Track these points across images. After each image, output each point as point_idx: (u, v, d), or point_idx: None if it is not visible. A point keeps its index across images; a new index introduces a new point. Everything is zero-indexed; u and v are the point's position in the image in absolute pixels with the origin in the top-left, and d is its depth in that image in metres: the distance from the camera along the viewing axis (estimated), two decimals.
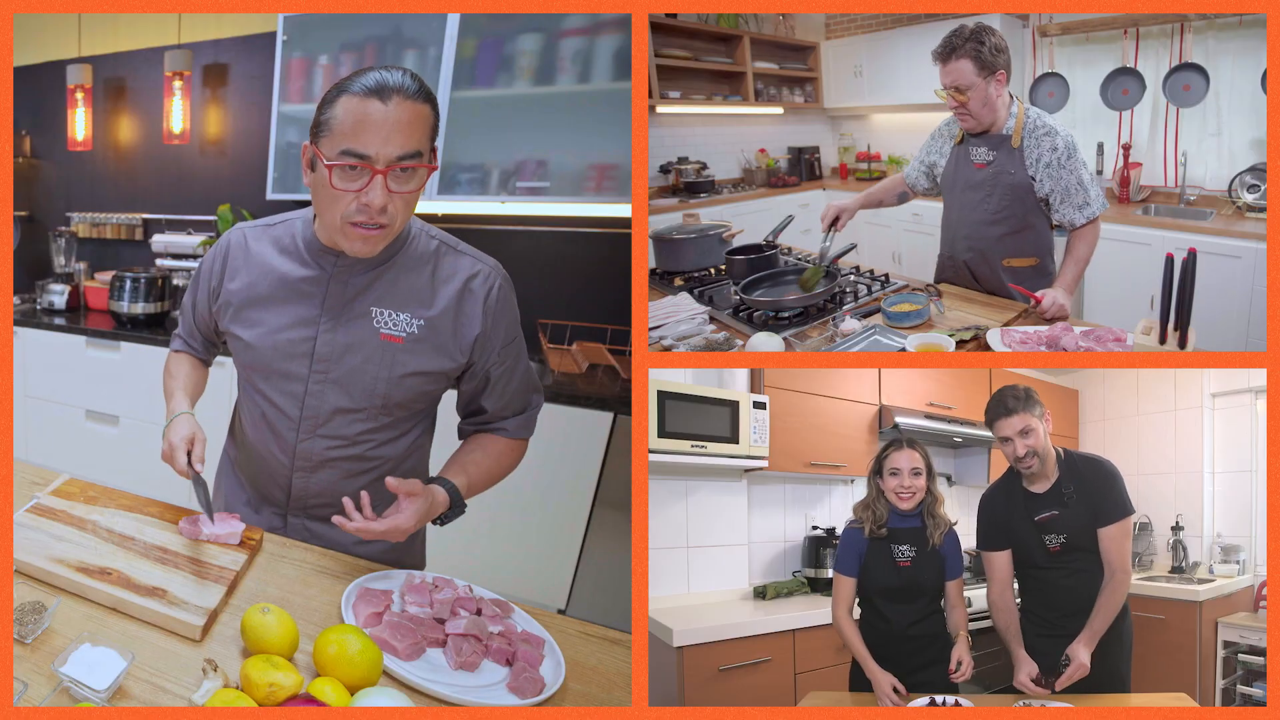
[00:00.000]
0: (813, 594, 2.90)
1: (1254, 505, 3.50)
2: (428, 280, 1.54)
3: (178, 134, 4.09)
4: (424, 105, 1.37)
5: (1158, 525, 3.71)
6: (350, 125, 1.35)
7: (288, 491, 1.69)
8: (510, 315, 1.63)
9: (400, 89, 1.34)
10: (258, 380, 1.64)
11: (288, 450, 1.64)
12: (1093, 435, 4.03)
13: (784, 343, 2.07)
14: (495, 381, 1.65)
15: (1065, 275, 2.29)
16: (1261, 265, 3.15)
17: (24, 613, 1.31)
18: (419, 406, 1.64)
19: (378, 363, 1.54)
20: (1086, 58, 4.07)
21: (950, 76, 2.26)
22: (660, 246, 2.77)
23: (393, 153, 1.36)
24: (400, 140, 1.35)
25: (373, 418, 1.60)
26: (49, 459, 3.63)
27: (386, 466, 1.66)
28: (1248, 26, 3.58)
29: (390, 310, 1.53)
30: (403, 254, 1.54)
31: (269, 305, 1.59)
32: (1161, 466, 3.79)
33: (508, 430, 1.71)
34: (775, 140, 5.30)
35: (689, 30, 4.65)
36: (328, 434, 1.61)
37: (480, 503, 3.13)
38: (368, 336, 1.54)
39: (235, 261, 1.64)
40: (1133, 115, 3.99)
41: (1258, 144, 3.65)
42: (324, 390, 1.57)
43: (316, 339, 1.55)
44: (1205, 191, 3.82)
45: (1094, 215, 2.24)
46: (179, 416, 1.67)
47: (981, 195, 2.35)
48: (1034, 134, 2.25)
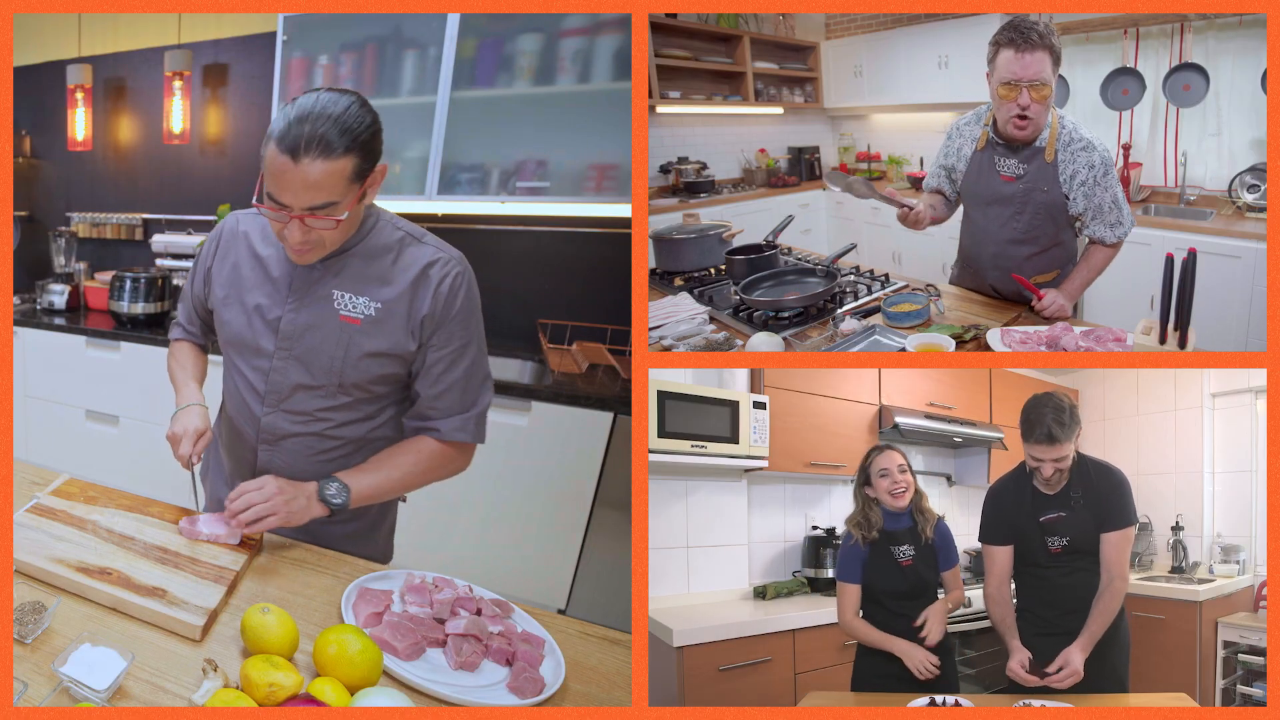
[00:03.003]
0: (813, 594, 2.90)
1: (1254, 505, 3.50)
2: (388, 267, 1.62)
3: (178, 134, 4.09)
4: (339, 160, 1.43)
5: (1157, 525, 3.71)
6: (271, 175, 1.45)
7: (253, 467, 1.75)
8: (464, 308, 1.65)
9: (312, 147, 1.41)
10: (234, 355, 1.74)
11: (254, 424, 1.72)
12: (1093, 435, 4.03)
13: (784, 343, 2.07)
14: (431, 367, 1.66)
15: (1074, 280, 2.21)
16: (1261, 265, 3.15)
17: (24, 613, 1.31)
18: (379, 390, 1.69)
19: (335, 342, 1.62)
20: (1086, 58, 4.07)
21: (1032, 69, 2.00)
22: (660, 246, 2.77)
23: (304, 204, 1.45)
24: (310, 196, 1.44)
25: (331, 395, 1.67)
26: (49, 459, 3.63)
27: (347, 448, 1.72)
28: (1248, 26, 3.57)
29: (350, 293, 1.61)
30: (365, 242, 1.62)
31: (248, 285, 1.68)
32: (1161, 466, 3.79)
33: (440, 431, 1.70)
34: (775, 140, 5.30)
35: (689, 30, 4.65)
36: (290, 409, 1.69)
37: (480, 503, 3.15)
38: (328, 317, 1.62)
39: (226, 244, 1.74)
40: (1133, 115, 3.98)
41: (1258, 144, 3.64)
42: (287, 366, 1.66)
43: (282, 317, 1.64)
44: (1205, 191, 3.82)
45: (1124, 236, 2.15)
46: (192, 406, 1.74)
47: (1010, 212, 2.20)
48: (1069, 147, 2.10)
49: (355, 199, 1.50)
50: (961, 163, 2.30)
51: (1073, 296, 2.22)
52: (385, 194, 3.35)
